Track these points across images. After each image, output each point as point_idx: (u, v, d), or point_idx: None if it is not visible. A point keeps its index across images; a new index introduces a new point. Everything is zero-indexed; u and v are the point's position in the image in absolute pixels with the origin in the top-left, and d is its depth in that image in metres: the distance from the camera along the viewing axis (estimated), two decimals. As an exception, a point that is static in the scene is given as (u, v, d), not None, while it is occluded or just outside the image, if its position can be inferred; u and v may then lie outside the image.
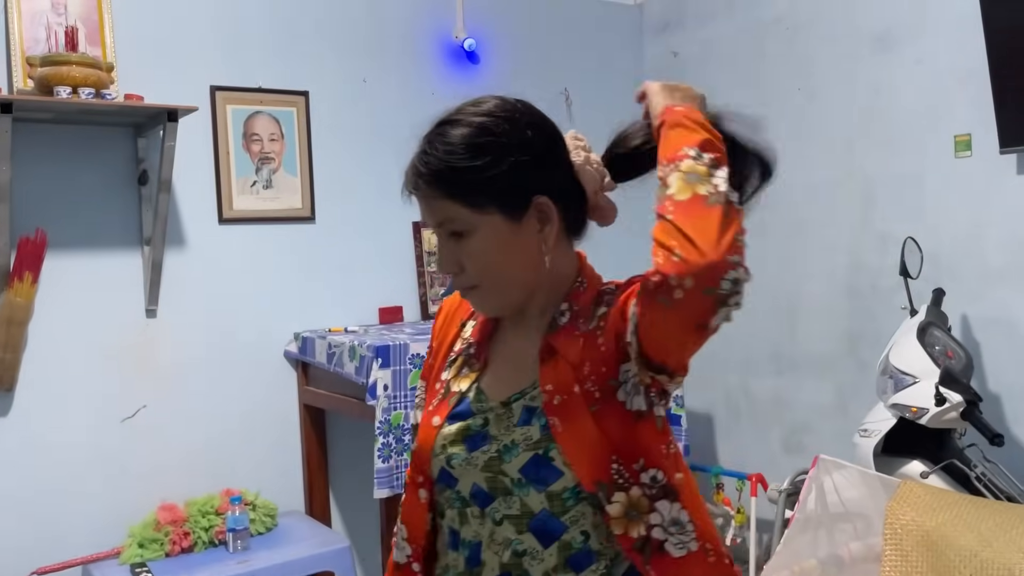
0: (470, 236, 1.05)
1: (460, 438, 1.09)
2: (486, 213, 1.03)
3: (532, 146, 1.06)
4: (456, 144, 1.03)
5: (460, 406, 1.13)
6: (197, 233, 2.78)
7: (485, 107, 1.07)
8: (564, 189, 1.09)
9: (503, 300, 1.10)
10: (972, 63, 2.62)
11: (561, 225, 1.09)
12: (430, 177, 1.04)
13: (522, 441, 1.05)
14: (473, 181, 1.02)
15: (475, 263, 1.06)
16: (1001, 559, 1.72)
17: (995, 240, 2.68)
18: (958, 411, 2.21)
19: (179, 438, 2.74)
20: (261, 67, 2.87)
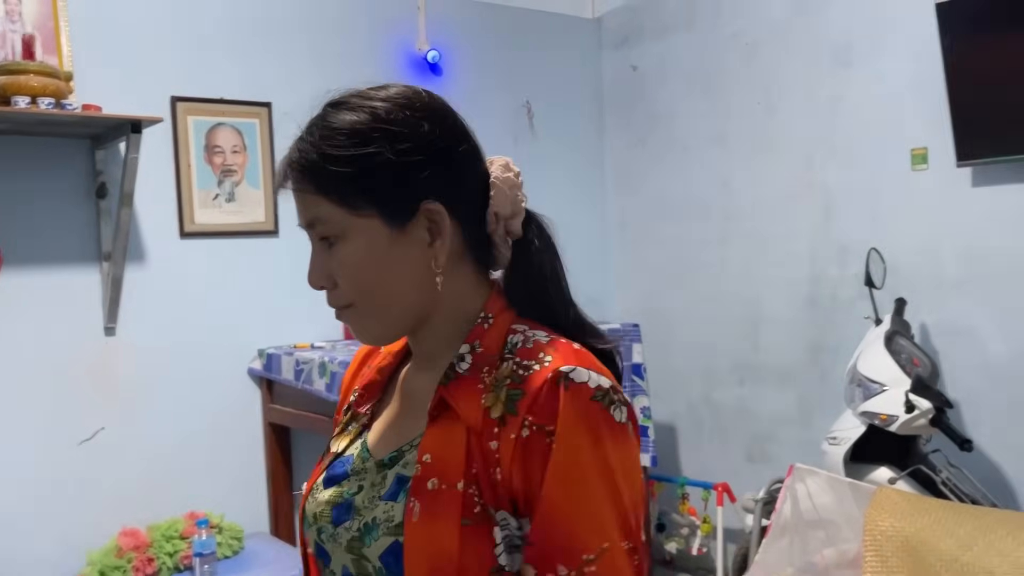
0: (342, 242, 0.87)
1: (329, 509, 0.92)
2: (362, 215, 0.86)
3: (427, 142, 0.87)
4: (336, 129, 0.87)
5: (335, 468, 0.96)
6: (157, 248, 2.70)
7: (382, 92, 0.90)
8: (466, 201, 0.90)
9: (384, 324, 0.91)
10: (929, 79, 2.70)
11: (461, 244, 0.91)
12: (300, 167, 0.88)
13: (384, 521, 0.86)
14: (349, 175, 0.85)
15: (347, 275, 0.88)
16: (981, 563, 1.76)
17: (951, 251, 2.76)
18: (927, 418, 2.27)
19: (139, 460, 2.65)
20: (223, 78, 2.81)
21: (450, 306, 0.92)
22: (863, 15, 2.93)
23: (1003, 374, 2.66)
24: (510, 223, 0.93)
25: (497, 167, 0.94)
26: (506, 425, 0.82)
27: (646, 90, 3.72)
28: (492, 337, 0.90)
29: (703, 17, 3.47)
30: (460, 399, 0.86)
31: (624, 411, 0.84)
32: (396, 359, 1.03)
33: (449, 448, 0.85)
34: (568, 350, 0.86)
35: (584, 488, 0.80)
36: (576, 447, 0.80)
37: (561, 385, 0.81)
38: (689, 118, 3.55)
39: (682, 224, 3.60)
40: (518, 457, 0.81)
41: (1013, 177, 2.59)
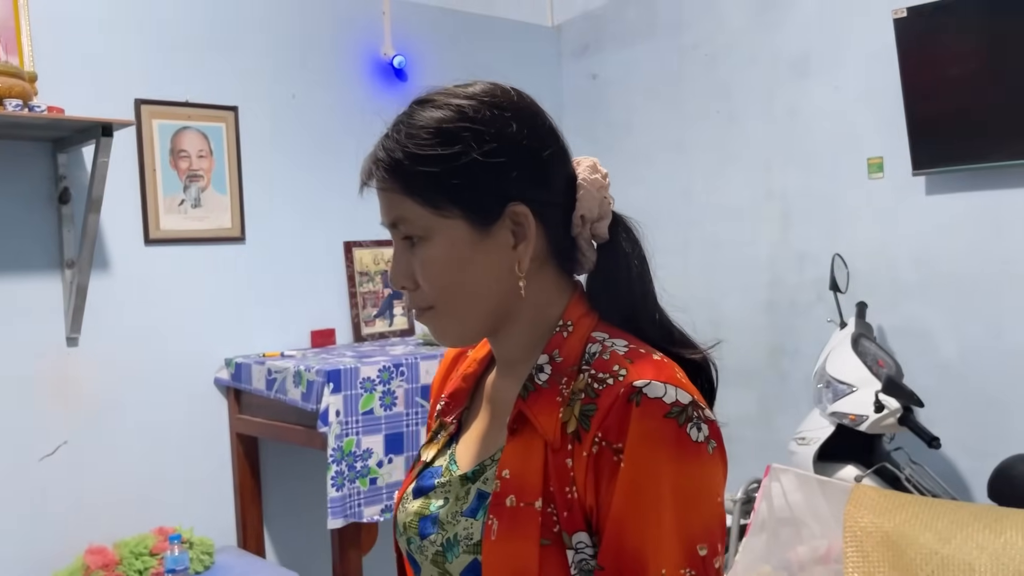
0: (426, 243, 0.86)
1: (416, 520, 0.93)
2: (447, 216, 0.84)
3: (515, 142, 0.85)
4: (422, 128, 0.85)
5: (424, 478, 0.96)
6: (121, 255, 2.61)
7: (469, 90, 0.89)
8: (552, 203, 0.88)
9: (465, 327, 0.90)
10: (886, 89, 2.81)
11: (545, 247, 0.89)
12: (386, 166, 0.86)
13: (464, 539, 0.86)
14: (434, 174, 0.84)
15: (429, 276, 0.86)
16: (960, 555, 1.84)
17: (906, 257, 2.88)
18: (896, 417, 2.36)
19: (104, 475, 2.55)
20: (189, 81, 2.74)
21: (531, 311, 0.90)
22: (821, 27, 3.03)
23: (955, 374, 2.78)
24: (596, 226, 0.92)
25: (584, 168, 0.92)
26: (580, 442, 0.81)
27: (606, 98, 3.77)
28: (571, 346, 0.87)
29: (663, 27, 3.54)
30: (538, 413, 0.84)
31: (704, 429, 0.80)
32: (481, 366, 1.01)
33: (528, 464, 0.83)
34: (646, 361, 0.84)
35: (649, 511, 0.77)
36: (644, 467, 0.78)
37: (633, 401, 0.79)
38: (649, 126, 3.61)
39: (643, 230, 3.64)
40: (591, 475, 0.80)
41: (965, 186, 2.71)
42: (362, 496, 2.40)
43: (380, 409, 2.46)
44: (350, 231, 3.10)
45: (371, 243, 3.16)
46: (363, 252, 3.15)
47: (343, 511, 2.36)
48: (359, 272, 3.13)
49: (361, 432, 2.42)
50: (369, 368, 2.45)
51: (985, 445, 2.67)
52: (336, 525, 2.35)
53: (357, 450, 2.40)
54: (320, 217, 3.04)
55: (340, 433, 2.38)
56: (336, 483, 2.36)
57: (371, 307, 3.16)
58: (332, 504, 2.35)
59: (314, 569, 2.87)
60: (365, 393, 2.44)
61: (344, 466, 2.37)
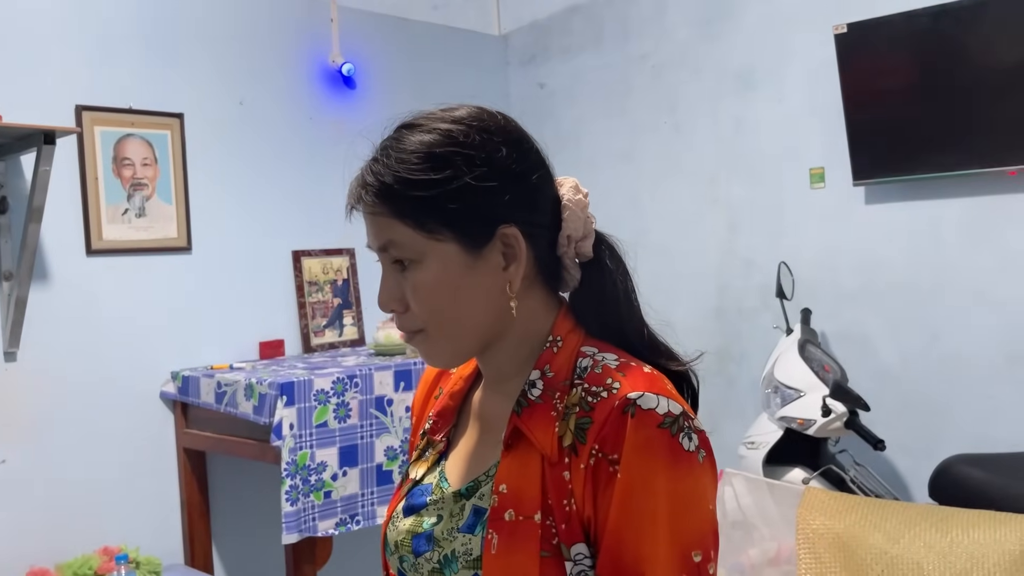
0: (417, 266, 0.86)
1: (409, 538, 0.93)
2: (439, 239, 0.85)
3: (504, 166, 0.87)
4: (412, 152, 0.86)
5: (414, 496, 0.97)
6: (62, 266, 2.53)
7: (456, 113, 0.89)
8: (540, 224, 0.90)
9: (456, 349, 0.91)
10: (827, 102, 2.89)
11: (534, 267, 0.90)
12: (375, 190, 0.86)
13: (463, 555, 0.87)
14: (426, 199, 0.84)
15: (421, 300, 0.87)
16: (909, 554, 1.90)
17: (847, 264, 2.97)
18: (842, 420, 2.42)
19: (45, 494, 2.46)
20: (133, 87, 2.67)
21: (520, 328, 0.91)
22: (765, 40, 3.11)
23: (895, 378, 2.87)
24: (581, 245, 0.93)
25: (568, 188, 0.94)
26: (577, 455, 0.82)
27: (554, 108, 3.80)
28: (561, 361, 0.89)
29: (609, 38, 3.58)
30: (535, 428, 0.85)
31: (695, 438, 0.82)
32: (467, 383, 1.01)
33: (525, 478, 0.84)
34: (638, 374, 0.86)
35: (645, 519, 0.79)
36: (639, 477, 0.80)
37: (628, 413, 0.81)
38: (597, 136, 3.65)
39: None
40: (588, 487, 0.81)
41: (903, 195, 2.81)
42: (316, 510, 2.37)
43: (334, 421, 2.43)
44: (299, 240, 3.06)
45: (320, 252, 3.12)
46: (312, 261, 3.11)
47: (297, 526, 2.32)
48: (308, 282, 3.09)
49: (315, 445, 2.38)
50: (323, 380, 2.42)
51: (924, 446, 2.77)
52: (291, 540, 2.31)
53: (311, 463, 2.37)
54: (268, 226, 2.99)
55: (294, 447, 2.34)
56: (290, 497, 2.32)
57: (320, 317, 3.12)
58: (286, 519, 2.31)
59: (264, 585, 2.82)
60: (319, 405, 2.40)
61: (298, 480, 2.34)
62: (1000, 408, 2.66)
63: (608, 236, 0.97)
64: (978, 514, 1.93)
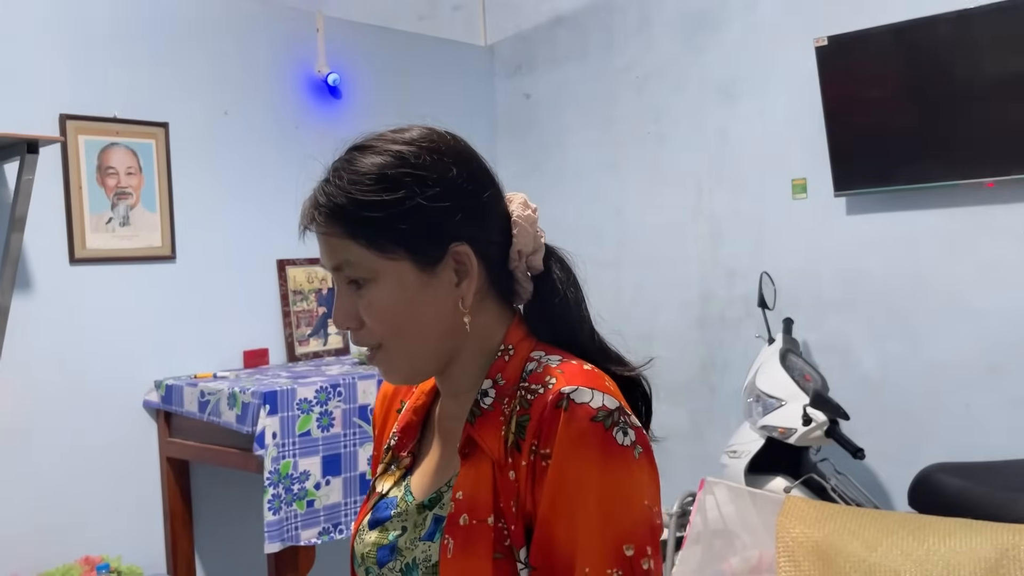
0: (372, 284, 0.88)
1: (374, 550, 0.95)
2: (392, 258, 0.87)
3: (455, 185, 0.89)
4: (364, 174, 0.87)
5: (380, 510, 0.99)
6: (45, 275, 2.52)
7: (407, 135, 0.91)
8: (491, 241, 0.92)
9: (413, 365, 0.92)
10: (808, 114, 2.92)
11: (486, 282, 0.93)
12: (329, 211, 0.88)
13: (422, 562, 0.89)
14: (379, 219, 0.86)
15: (377, 317, 0.89)
16: (887, 562, 1.92)
17: (828, 274, 2.99)
18: (823, 429, 2.44)
19: (26, 504, 2.46)
20: (117, 96, 2.67)
21: (475, 342, 0.93)
22: (748, 53, 3.14)
23: (874, 387, 2.90)
24: (531, 259, 0.95)
25: (517, 205, 0.96)
26: (520, 451, 0.85)
27: (539, 118, 3.82)
28: (512, 368, 0.91)
29: (595, 50, 3.61)
30: (485, 435, 0.88)
31: (631, 434, 0.83)
32: (429, 397, 1.03)
33: (479, 484, 0.86)
34: (576, 370, 0.87)
35: (576, 510, 0.81)
36: (570, 469, 0.81)
37: (561, 407, 0.83)
38: (582, 146, 3.67)
39: (575, 247, 3.61)
40: (528, 483, 0.83)
41: (883, 206, 2.84)
42: (299, 519, 2.37)
43: (317, 430, 2.43)
44: (283, 249, 3.06)
45: (305, 261, 3.13)
46: (297, 270, 3.11)
47: (280, 535, 2.32)
48: (293, 291, 3.10)
49: (298, 454, 2.39)
50: (306, 389, 2.43)
51: (904, 455, 2.79)
52: (273, 549, 2.31)
53: (294, 472, 2.37)
54: (253, 235, 3.00)
55: (277, 455, 2.34)
56: (273, 506, 2.32)
57: (305, 326, 3.12)
58: (269, 528, 2.31)
59: (247, 595, 2.81)
60: (302, 414, 2.41)
61: (281, 489, 2.34)
62: (980, 417, 2.69)
63: (557, 249, 0.99)
64: (955, 522, 1.95)
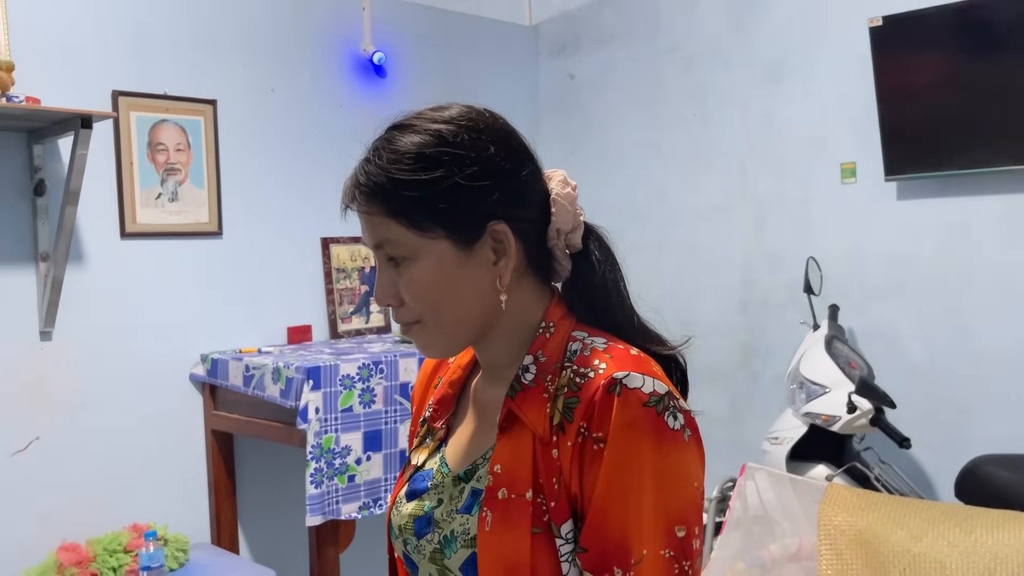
0: (411, 263, 0.89)
1: (411, 521, 0.97)
2: (431, 237, 0.88)
3: (494, 164, 0.89)
4: (403, 153, 0.88)
5: (416, 481, 1.00)
6: (97, 249, 2.58)
7: (446, 114, 0.91)
8: (529, 219, 0.93)
9: (451, 341, 0.94)
10: (858, 96, 2.86)
11: (524, 260, 0.93)
12: (369, 190, 0.89)
13: (461, 534, 0.90)
14: (418, 198, 0.87)
15: (416, 295, 0.90)
16: (932, 553, 1.89)
17: (876, 261, 2.94)
18: (868, 418, 2.41)
19: (77, 471, 2.52)
20: (167, 73, 2.71)
21: (513, 319, 0.94)
22: (796, 33, 3.08)
23: (922, 376, 2.85)
24: (570, 237, 0.96)
25: (556, 183, 0.96)
26: (565, 433, 0.85)
27: (583, 99, 3.79)
28: (553, 346, 0.92)
29: (640, 30, 3.57)
30: (527, 410, 0.88)
31: (680, 418, 0.85)
32: (465, 371, 1.04)
33: (518, 458, 0.87)
34: (624, 356, 0.88)
35: (630, 494, 0.82)
36: (625, 454, 0.82)
37: (614, 392, 0.83)
38: (625, 128, 3.64)
39: (617, 230, 3.58)
40: (575, 464, 0.84)
41: (935, 192, 2.78)
42: (340, 493, 2.40)
43: (359, 406, 2.45)
44: (327, 227, 3.09)
45: (348, 239, 3.15)
46: (340, 248, 3.13)
47: (321, 508, 2.36)
48: (336, 268, 3.12)
49: (340, 429, 2.41)
50: (348, 365, 2.45)
51: (951, 446, 2.74)
52: (314, 522, 2.35)
53: (336, 447, 2.40)
54: (297, 213, 3.03)
55: (319, 430, 2.37)
56: (315, 480, 2.35)
57: (348, 304, 3.15)
58: (310, 501, 2.34)
59: (289, 566, 2.85)
60: (344, 390, 2.43)
61: (323, 463, 2.37)
62: (1030, 409, 2.63)
63: (597, 227, 0.99)
64: (1003, 514, 1.91)
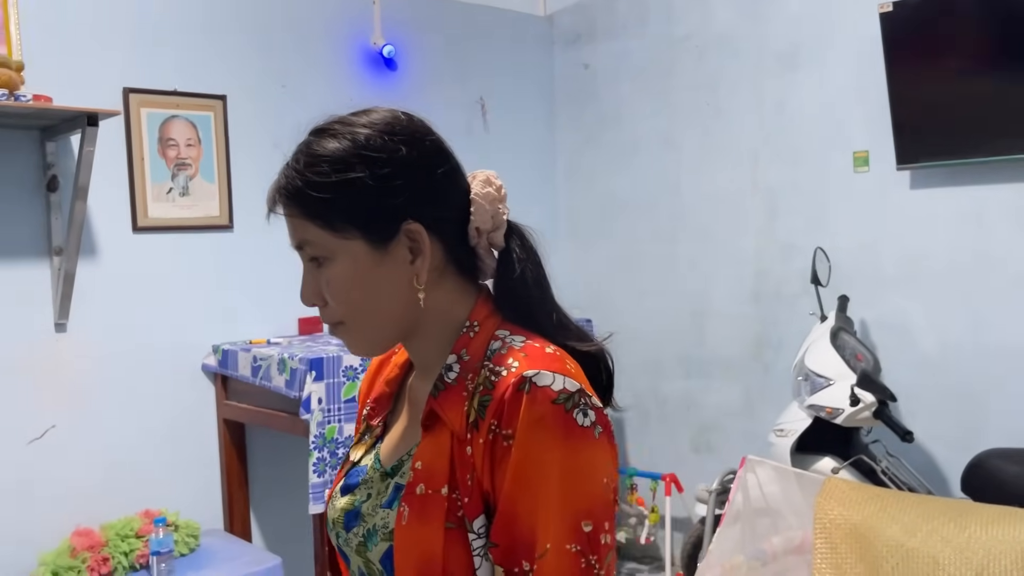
0: (330, 263, 0.91)
1: (342, 515, 0.99)
2: (347, 238, 0.90)
3: (406, 164, 0.91)
4: (319, 156, 0.90)
5: (351, 477, 1.02)
6: (110, 242, 2.64)
7: (363, 118, 0.93)
8: (447, 219, 0.94)
9: (373, 340, 0.96)
10: (872, 85, 2.82)
11: (444, 259, 0.95)
12: (287, 193, 0.92)
13: (381, 528, 0.93)
14: (331, 200, 0.89)
15: (335, 294, 0.92)
16: (926, 548, 1.87)
17: (889, 251, 2.90)
18: (871, 411, 2.38)
19: (92, 459, 2.60)
20: (177, 69, 2.76)
21: (437, 317, 0.96)
22: (808, 21, 3.03)
23: (935, 368, 2.80)
24: (492, 236, 0.97)
25: (478, 183, 0.98)
26: (478, 430, 0.87)
27: (597, 89, 3.78)
28: (477, 345, 0.94)
29: (654, 19, 3.54)
30: (447, 408, 0.90)
31: (591, 415, 0.86)
32: (403, 370, 1.07)
33: (438, 455, 0.89)
34: (538, 354, 0.90)
35: (538, 489, 0.84)
36: (532, 450, 0.84)
37: (523, 390, 0.85)
38: (639, 117, 3.62)
39: (631, 220, 3.67)
40: (487, 461, 0.86)
41: (948, 181, 2.73)
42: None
43: (363, 397, 2.49)
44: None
45: (360, 232, 3.18)
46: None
47: (324, 497, 2.40)
48: (347, 260, 3.16)
49: (343, 419, 2.45)
50: (352, 357, 2.48)
51: (963, 439, 2.70)
52: (317, 510, 2.39)
53: (339, 437, 2.44)
54: (309, 206, 3.06)
55: (322, 420, 2.41)
56: (318, 469, 2.39)
57: (359, 295, 3.19)
58: (314, 489, 2.38)
59: (298, 553, 2.91)
60: (347, 381, 2.47)
61: (326, 452, 2.41)
62: (1045, 402, 2.57)
63: (521, 227, 1.01)
64: (999, 510, 1.88)
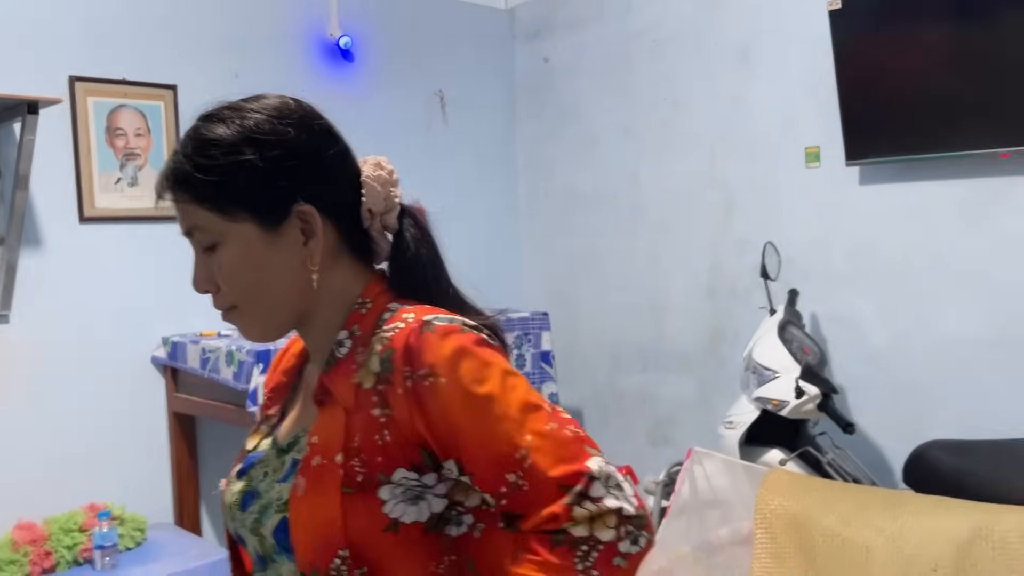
0: (221, 248, 0.91)
1: (239, 496, 0.98)
2: (237, 221, 0.90)
3: (295, 146, 0.92)
4: (207, 141, 0.91)
5: (248, 460, 1.02)
6: (55, 233, 2.61)
7: (252, 104, 0.94)
8: (338, 201, 0.95)
9: (266, 324, 0.96)
10: (822, 80, 2.84)
11: (338, 240, 0.95)
12: (176, 179, 0.91)
13: (275, 501, 0.92)
14: (220, 183, 0.89)
15: (227, 278, 0.92)
16: (859, 537, 1.89)
17: (840, 246, 2.92)
18: (815, 403, 2.40)
19: (36, 452, 2.57)
20: (126, 58, 2.73)
21: (331, 299, 0.96)
22: (763, 16, 3.05)
23: (883, 361, 2.83)
24: (385, 218, 0.98)
25: (369, 166, 0.98)
26: (391, 384, 0.88)
27: (557, 82, 3.78)
28: (369, 320, 0.94)
29: (613, 13, 3.55)
30: (336, 383, 0.92)
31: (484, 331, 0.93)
32: (300, 359, 1.06)
33: (331, 428, 0.91)
34: (427, 309, 0.93)
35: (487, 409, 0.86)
36: (463, 379, 0.87)
37: (427, 330, 0.88)
38: (599, 111, 3.63)
39: (590, 214, 3.68)
40: (414, 408, 0.87)
41: (897, 177, 2.76)
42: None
43: (311, 389, 2.48)
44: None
45: (315, 224, 3.17)
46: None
47: (271, 489, 2.38)
48: (302, 253, 3.14)
49: (291, 412, 2.44)
50: (301, 349, 2.47)
51: (911, 431, 2.72)
52: (264, 503, 2.38)
53: (287, 430, 2.42)
54: (262, 197, 3.04)
55: (269, 413, 2.40)
56: (264, 462, 2.38)
57: (314, 288, 3.17)
58: (260, 483, 2.37)
59: (251, 546, 2.90)
60: (295, 373, 2.45)
61: (273, 445, 2.39)
62: (990, 393, 2.61)
63: (414, 209, 1.02)
64: (931, 500, 1.91)
